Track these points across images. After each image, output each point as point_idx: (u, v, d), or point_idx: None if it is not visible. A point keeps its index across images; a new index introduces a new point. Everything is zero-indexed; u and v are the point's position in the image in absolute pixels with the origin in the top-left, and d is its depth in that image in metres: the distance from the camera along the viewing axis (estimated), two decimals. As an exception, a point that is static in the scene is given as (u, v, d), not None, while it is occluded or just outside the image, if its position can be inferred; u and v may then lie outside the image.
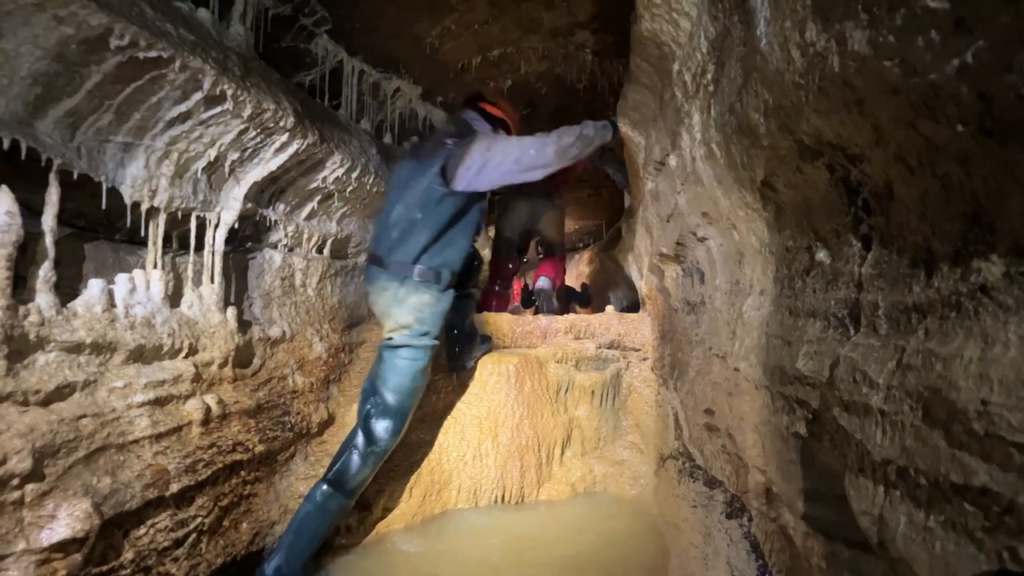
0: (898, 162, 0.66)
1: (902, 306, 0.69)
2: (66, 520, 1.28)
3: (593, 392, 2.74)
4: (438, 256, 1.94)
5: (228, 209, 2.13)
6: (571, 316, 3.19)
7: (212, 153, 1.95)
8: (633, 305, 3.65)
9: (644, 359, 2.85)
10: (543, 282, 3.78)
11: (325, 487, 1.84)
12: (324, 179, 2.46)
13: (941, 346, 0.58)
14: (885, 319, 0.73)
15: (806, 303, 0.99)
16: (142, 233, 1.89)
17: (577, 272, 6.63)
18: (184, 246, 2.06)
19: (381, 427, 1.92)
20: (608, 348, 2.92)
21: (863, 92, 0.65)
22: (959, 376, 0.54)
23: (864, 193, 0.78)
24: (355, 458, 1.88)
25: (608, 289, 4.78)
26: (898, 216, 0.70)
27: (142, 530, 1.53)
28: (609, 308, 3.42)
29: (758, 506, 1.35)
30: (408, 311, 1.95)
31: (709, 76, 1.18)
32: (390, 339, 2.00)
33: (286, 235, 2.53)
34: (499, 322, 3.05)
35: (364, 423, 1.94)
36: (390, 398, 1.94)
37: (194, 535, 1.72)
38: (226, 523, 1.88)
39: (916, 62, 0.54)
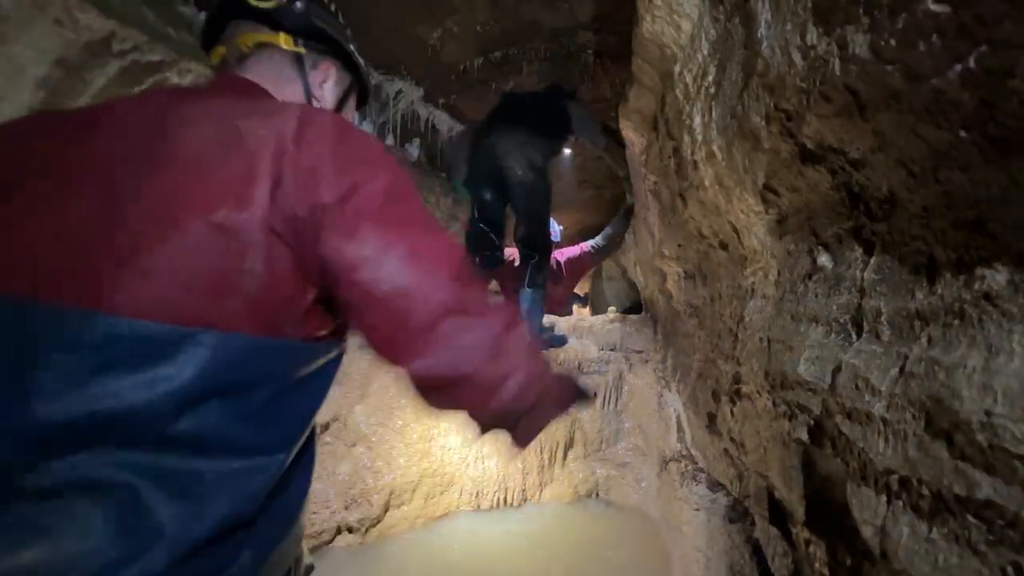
0: (900, 168, 0.65)
1: (904, 313, 0.69)
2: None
3: (595, 394, 2.73)
4: None
5: (230, 211, 2.14)
6: (573, 318, 3.18)
7: (214, 156, 1.96)
8: (635, 306, 3.64)
9: (646, 361, 2.84)
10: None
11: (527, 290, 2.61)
12: (326, 181, 2.46)
13: (944, 354, 0.57)
14: (887, 326, 0.72)
15: (808, 308, 0.98)
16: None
17: (580, 273, 6.60)
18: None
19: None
20: (610, 350, 2.91)
21: (864, 97, 0.64)
22: (962, 386, 0.53)
23: (866, 198, 0.77)
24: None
25: (610, 290, 4.77)
26: (900, 222, 0.69)
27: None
28: (611, 309, 3.41)
29: (760, 511, 1.34)
30: None
31: (710, 78, 1.17)
32: None
33: (288, 237, 2.54)
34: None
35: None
36: None
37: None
38: (228, 525, 1.88)
39: (918, 67, 0.53)
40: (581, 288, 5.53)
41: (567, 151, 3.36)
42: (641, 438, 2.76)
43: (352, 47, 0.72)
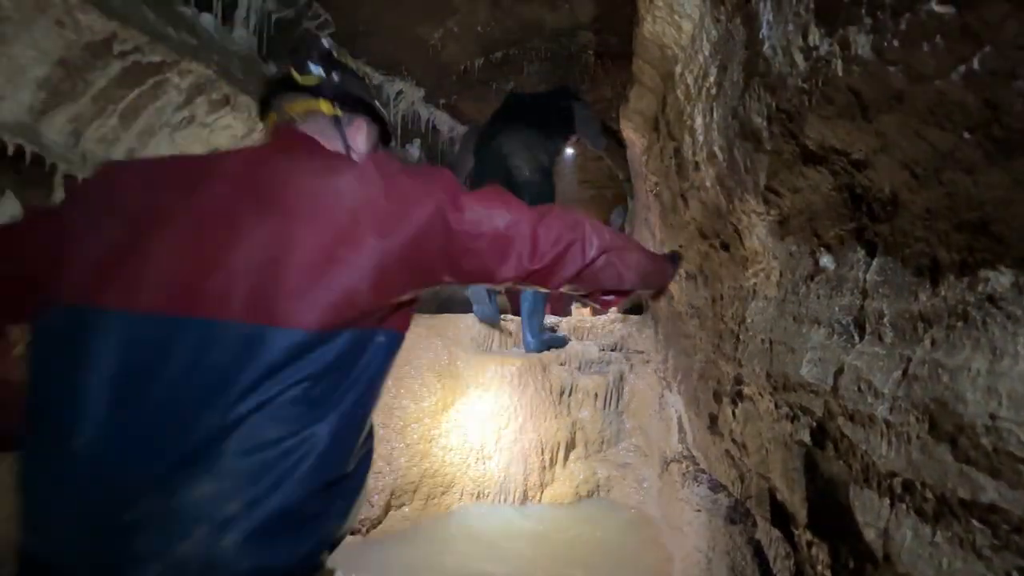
0: (903, 169, 0.65)
1: (907, 315, 0.68)
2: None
3: (596, 395, 2.73)
4: None
5: (231, 212, 2.14)
6: (574, 318, 3.18)
7: (215, 157, 1.96)
8: (636, 307, 3.63)
9: (647, 362, 2.83)
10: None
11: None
12: (327, 182, 2.47)
13: (948, 357, 0.57)
14: (890, 328, 0.72)
15: (810, 309, 0.98)
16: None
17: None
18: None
19: None
20: (611, 350, 2.91)
21: (867, 98, 0.64)
22: (966, 389, 0.52)
23: (868, 199, 0.77)
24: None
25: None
26: (903, 223, 0.69)
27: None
28: (612, 310, 3.40)
29: (762, 512, 1.34)
30: None
31: (711, 79, 1.17)
32: None
33: (289, 238, 2.54)
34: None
35: None
36: None
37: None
38: (229, 526, 1.88)
39: (921, 68, 0.53)
40: None
41: (569, 151, 3.42)
42: (642, 439, 2.76)
43: (376, 103, 0.92)
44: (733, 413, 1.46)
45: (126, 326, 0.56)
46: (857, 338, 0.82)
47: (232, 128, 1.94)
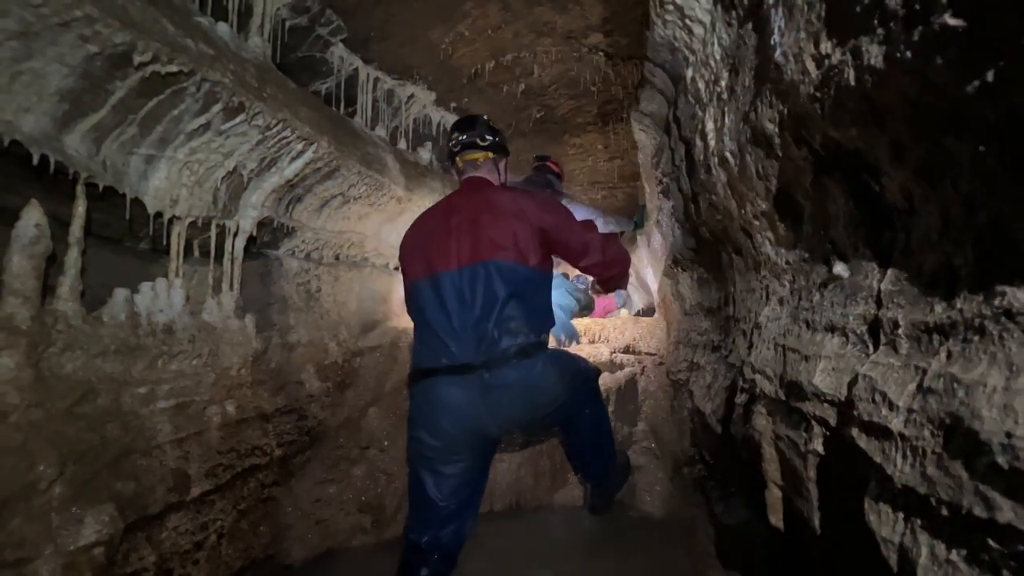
0: (918, 178, 0.63)
1: (923, 326, 0.67)
2: (92, 524, 1.32)
3: (608, 397, 2.72)
4: None
5: (246, 217, 2.17)
6: (585, 320, 3.17)
7: (230, 163, 1.99)
8: (648, 309, 3.61)
9: (659, 364, 2.81)
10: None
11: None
12: (340, 185, 2.49)
13: (964, 371, 0.56)
14: (905, 338, 0.71)
15: (824, 317, 0.96)
16: (164, 242, 1.94)
17: (592, 274, 6.53)
18: (204, 254, 2.11)
19: None
20: (623, 353, 2.89)
21: (880, 106, 0.63)
22: (982, 405, 0.51)
23: (883, 207, 0.75)
24: None
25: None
26: (918, 232, 0.68)
27: (164, 533, 1.57)
28: (623, 312, 3.38)
29: (775, 520, 1.32)
30: None
31: (723, 84, 1.16)
32: None
33: (304, 241, 2.57)
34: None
35: None
36: None
37: (214, 538, 1.76)
38: (245, 526, 1.91)
39: (935, 79, 0.52)
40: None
41: None
42: (654, 441, 2.75)
43: (509, 147, 1.76)
44: (745, 418, 1.44)
45: (448, 277, 1.39)
46: (871, 348, 0.81)
47: (247, 135, 1.97)
